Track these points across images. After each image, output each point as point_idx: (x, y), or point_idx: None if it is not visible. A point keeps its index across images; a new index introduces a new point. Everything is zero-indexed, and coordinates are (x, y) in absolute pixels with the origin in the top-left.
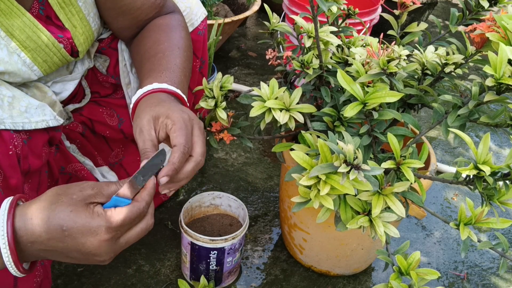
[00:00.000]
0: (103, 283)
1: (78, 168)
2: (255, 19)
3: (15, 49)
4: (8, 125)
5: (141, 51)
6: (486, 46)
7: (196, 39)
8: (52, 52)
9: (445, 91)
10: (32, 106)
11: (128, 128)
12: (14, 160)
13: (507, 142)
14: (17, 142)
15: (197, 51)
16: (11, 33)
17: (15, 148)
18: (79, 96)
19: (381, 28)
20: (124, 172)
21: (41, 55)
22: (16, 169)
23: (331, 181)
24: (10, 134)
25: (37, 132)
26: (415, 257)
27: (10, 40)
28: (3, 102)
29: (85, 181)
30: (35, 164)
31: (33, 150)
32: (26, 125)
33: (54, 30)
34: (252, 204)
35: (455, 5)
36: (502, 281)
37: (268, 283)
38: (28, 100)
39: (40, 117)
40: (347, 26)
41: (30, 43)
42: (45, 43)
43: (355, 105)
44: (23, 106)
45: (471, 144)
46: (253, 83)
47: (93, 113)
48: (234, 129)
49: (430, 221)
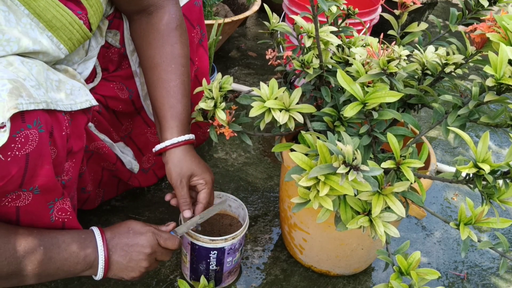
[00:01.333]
0: (103, 283)
1: (100, 145)
2: (255, 19)
3: (43, 30)
4: (60, 106)
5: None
6: (486, 46)
7: (193, 9)
8: (75, 29)
9: (445, 91)
10: (76, 88)
11: (138, 99)
12: (65, 140)
13: (507, 142)
14: (67, 123)
15: (194, 22)
16: (38, 14)
17: (66, 129)
18: (92, 75)
19: (381, 28)
20: (133, 144)
21: (66, 33)
22: (65, 149)
23: (331, 182)
24: (63, 116)
25: (78, 114)
26: (415, 257)
27: (38, 21)
28: (53, 85)
29: None
30: (77, 145)
31: (75, 131)
32: (73, 106)
33: (73, 6)
34: (252, 204)
35: (455, 5)
36: (502, 281)
37: (268, 283)
38: (71, 83)
39: (84, 98)
40: (347, 26)
41: (56, 22)
42: (68, 21)
43: (355, 105)
44: (68, 88)
45: (470, 143)
46: (253, 83)
47: (105, 90)
48: (235, 126)
49: (430, 221)
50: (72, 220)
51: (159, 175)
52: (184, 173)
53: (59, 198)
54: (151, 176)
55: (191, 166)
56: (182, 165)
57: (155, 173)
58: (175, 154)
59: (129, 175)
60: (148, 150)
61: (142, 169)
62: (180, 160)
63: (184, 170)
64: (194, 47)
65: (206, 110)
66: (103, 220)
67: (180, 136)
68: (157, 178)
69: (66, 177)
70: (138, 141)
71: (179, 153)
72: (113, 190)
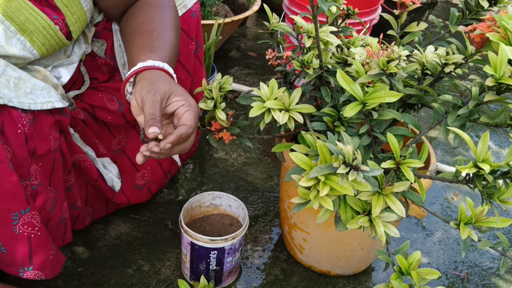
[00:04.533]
0: (103, 283)
1: (81, 159)
2: (255, 19)
3: (15, 33)
4: (15, 103)
5: (131, 25)
6: (486, 46)
7: (190, 21)
8: (49, 34)
9: (445, 91)
10: (38, 87)
11: (129, 112)
12: (22, 139)
13: (507, 142)
14: (25, 121)
15: (191, 33)
16: (10, 16)
17: (23, 127)
18: (78, 82)
19: (381, 28)
20: (127, 159)
21: (39, 37)
22: (24, 148)
23: (331, 182)
24: (19, 113)
25: (42, 114)
26: (416, 257)
27: (10, 24)
28: (9, 82)
29: None
30: (41, 146)
31: (39, 132)
32: (32, 105)
33: (48, 11)
34: (252, 204)
35: (455, 5)
36: (502, 281)
37: (268, 283)
38: (33, 82)
39: (46, 99)
40: (347, 26)
41: (28, 25)
42: (42, 25)
43: (355, 105)
44: (28, 87)
45: (470, 143)
46: (253, 83)
47: (93, 99)
48: (233, 129)
49: (430, 221)
50: (40, 237)
51: (153, 191)
52: (161, 88)
53: (25, 209)
54: (145, 194)
55: (171, 84)
56: (160, 83)
57: (149, 190)
58: (150, 73)
59: (113, 193)
60: (143, 166)
61: (135, 186)
62: (156, 78)
63: (162, 86)
64: (191, 59)
65: (204, 112)
66: (103, 219)
67: (158, 62)
68: (151, 194)
69: (35, 182)
70: (132, 156)
71: (156, 73)
72: (102, 208)
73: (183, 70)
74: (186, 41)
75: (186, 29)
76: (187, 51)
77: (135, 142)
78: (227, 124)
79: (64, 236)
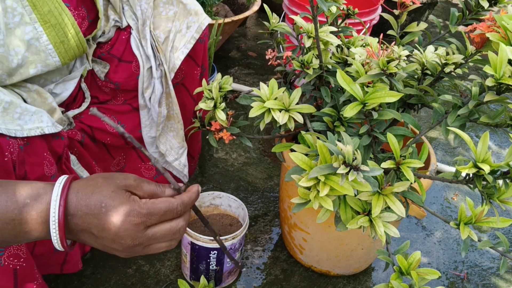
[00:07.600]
0: (103, 283)
1: None
2: (255, 19)
3: (33, 21)
4: (2, 130)
5: None
6: (486, 46)
7: (197, 47)
8: (71, 34)
9: (445, 91)
10: (28, 112)
11: (130, 134)
12: (9, 166)
13: (507, 142)
14: (13, 148)
15: (197, 59)
16: (34, 3)
17: (11, 154)
18: (79, 100)
19: (381, 28)
20: None
21: (59, 34)
22: (11, 175)
23: (331, 182)
24: (6, 141)
25: (35, 139)
26: (416, 257)
27: (31, 11)
28: None
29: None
30: (34, 171)
31: (32, 156)
32: (18, 132)
33: None
34: (252, 204)
35: (455, 5)
36: (502, 281)
37: (268, 283)
38: (25, 106)
39: (35, 124)
40: (347, 26)
41: (50, 17)
42: (65, 22)
43: (355, 105)
44: (18, 112)
45: (470, 143)
46: (253, 83)
47: (93, 120)
48: (233, 129)
49: (430, 221)
50: (26, 268)
51: None
52: None
53: None
54: None
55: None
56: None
57: None
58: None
59: None
60: None
61: None
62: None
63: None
64: (196, 83)
65: (204, 113)
66: None
67: None
68: None
69: None
70: None
71: None
72: None
73: (187, 94)
74: (192, 66)
75: (193, 55)
76: (193, 76)
77: (134, 162)
78: (227, 124)
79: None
